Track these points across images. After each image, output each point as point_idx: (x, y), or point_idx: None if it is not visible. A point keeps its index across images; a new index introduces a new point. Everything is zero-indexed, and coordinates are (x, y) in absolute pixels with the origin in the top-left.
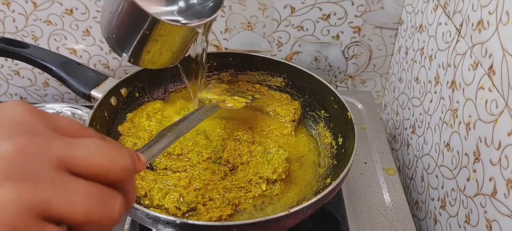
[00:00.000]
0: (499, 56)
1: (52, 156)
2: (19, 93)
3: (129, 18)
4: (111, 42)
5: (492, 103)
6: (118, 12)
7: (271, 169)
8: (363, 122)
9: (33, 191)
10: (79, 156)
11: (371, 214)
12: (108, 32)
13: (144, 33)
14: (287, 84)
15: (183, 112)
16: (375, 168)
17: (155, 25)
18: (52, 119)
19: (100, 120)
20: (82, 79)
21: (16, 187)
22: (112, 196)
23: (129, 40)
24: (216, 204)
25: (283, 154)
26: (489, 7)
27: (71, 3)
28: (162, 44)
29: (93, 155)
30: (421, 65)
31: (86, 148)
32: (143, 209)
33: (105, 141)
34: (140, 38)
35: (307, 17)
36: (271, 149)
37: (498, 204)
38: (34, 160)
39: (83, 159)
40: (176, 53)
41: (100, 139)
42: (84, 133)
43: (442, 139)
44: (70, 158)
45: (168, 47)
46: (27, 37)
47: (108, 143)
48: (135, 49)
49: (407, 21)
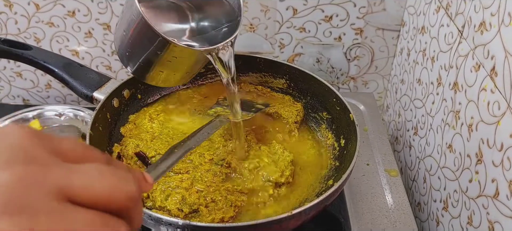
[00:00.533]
0: (501, 58)
1: (51, 185)
2: (22, 95)
3: (142, 38)
4: (124, 59)
5: (494, 105)
6: (133, 31)
7: (279, 171)
8: (365, 123)
9: (30, 224)
10: (80, 184)
11: (373, 216)
12: (120, 48)
13: (157, 54)
14: (289, 86)
15: (186, 114)
16: (377, 170)
17: (168, 47)
18: (53, 143)
19: (102, 122)
20: (84, 81)
21: (12, 220)
22: (115, 226)
23: (142, 60)
24: (218, 206)
25: (288, 156)
26: (491, 9)
27: (73, 5)
28: (175, 64)
29: (94, 183)
30: (423, 66)
31: (87, 175)
32: (145, 210)
33: (109, 166)
34: (153, 58)
35: (309, 18)
36: (277, 150)
37: (501, 205)
38: (32, 190)
39: (83, 188)
40: (189, 73)
41: (104, 164)
42: (88, 156)
43: (445, 141)
44: (70, 187)
45: (182, 68)
46: (29, 39)
47: (112, 168)
48: (148, 68)
49: (409, 22)
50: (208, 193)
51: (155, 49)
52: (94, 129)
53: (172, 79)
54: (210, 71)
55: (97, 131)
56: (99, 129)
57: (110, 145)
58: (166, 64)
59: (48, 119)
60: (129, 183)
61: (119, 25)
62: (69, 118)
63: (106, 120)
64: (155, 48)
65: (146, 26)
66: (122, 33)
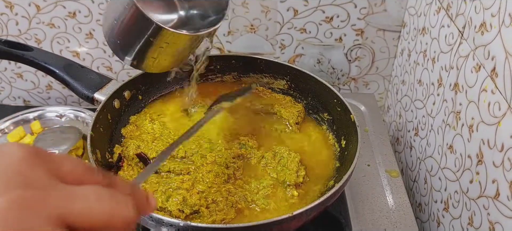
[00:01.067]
0: (501, 59)
1: (49, 210)
2: (22, 96)
3: (135, 26)
4: (115, 47)
5: (495, 106)
6: (124, 19)
7: (292, 172)
8: (366, 124)
9: None
10: (78, 210)
11: (374, 216)
12: (111, 37)
13: (150, 40)
14: (290, 86)
15: (184, 114)
16: (378, 170)
17: (161, 33)
18: (53, 163)
19: (103, 123)
20: (85, 82)
21: None
22: None
23: (135, 47)
24: (219, 207)
25: (295, 156)
26: (491, 10)
27: (74, 6)
28: (167, 50)
29: (92, 208)
30: (424, 67)
31: (85, 200)
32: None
33: (108, 190)
34: (145, 45)
35: (310, 19)
36: (283, 153)
37: (501, 206)
38: (29, 217)
39: (81, 213)
40: (179, 58)
41: (104, 186)
42: (88, 177)
43: (445, 141)
44: (68, 213)
45: (173, 53)
46: (30, 40)
47: (111, 191)
48: (139, 55)
49: (410, 23)
50: (209, 194)
51: (147, 35)
52: (95, 130)
53: (162, 64)
54: (210, 72)
55: (98, 132)
56: (100, 130)
57: (111, 146)
58: (158, 50)
59: (48, 120)
60: (128, 208)
61: (108, 13)
62: (70, 119)
63: (107, 120)
64: (146, 34)
65: (139, 14)
66: (112, 22)
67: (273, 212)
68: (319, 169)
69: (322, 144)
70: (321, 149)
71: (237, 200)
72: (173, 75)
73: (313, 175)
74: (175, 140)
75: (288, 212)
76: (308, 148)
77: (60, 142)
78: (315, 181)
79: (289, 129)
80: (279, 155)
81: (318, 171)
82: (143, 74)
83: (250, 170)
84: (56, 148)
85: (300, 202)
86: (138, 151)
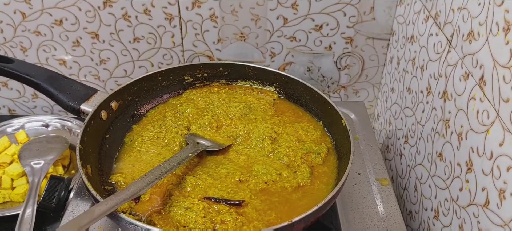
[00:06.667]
0: (489, 67)
1: None
2: (8, 105)
3: None
4: None
5: (483, 114)
6: None
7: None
8: (356, 132)
9: None
10: None
11: (365, 225)
12: None
13: None
14: (280, 93)
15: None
16: (369, 179)
17: None
18: None
19: (92, 135)
20: (70, 94)
21: None
22: None
23: None
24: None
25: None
26: (479, 18)
27: (60, 14)
28: None
29: None
30: (413, 75)
31: None
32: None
33: None
34: None
35: (299, 28)
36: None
37: (491, 214)
38: None
39: None
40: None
41: None
42: None
43: (435, 149)
44: None
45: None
46: (16, 48)
47: None
48: None
49: (399, 31)
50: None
51: None
52: (83, 142)
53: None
54: (198, 81)
55: (86, 145)
56: (88, 142)
57: (105, 176)
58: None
59: (34, 129)
60: None
61: None
62: (56, 128)
63: (95, 132)
64: None
65: None
66: None
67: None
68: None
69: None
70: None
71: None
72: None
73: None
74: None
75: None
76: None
77: (46, 152)
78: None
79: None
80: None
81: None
82: (129, 84)
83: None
84: (42, 158)
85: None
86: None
